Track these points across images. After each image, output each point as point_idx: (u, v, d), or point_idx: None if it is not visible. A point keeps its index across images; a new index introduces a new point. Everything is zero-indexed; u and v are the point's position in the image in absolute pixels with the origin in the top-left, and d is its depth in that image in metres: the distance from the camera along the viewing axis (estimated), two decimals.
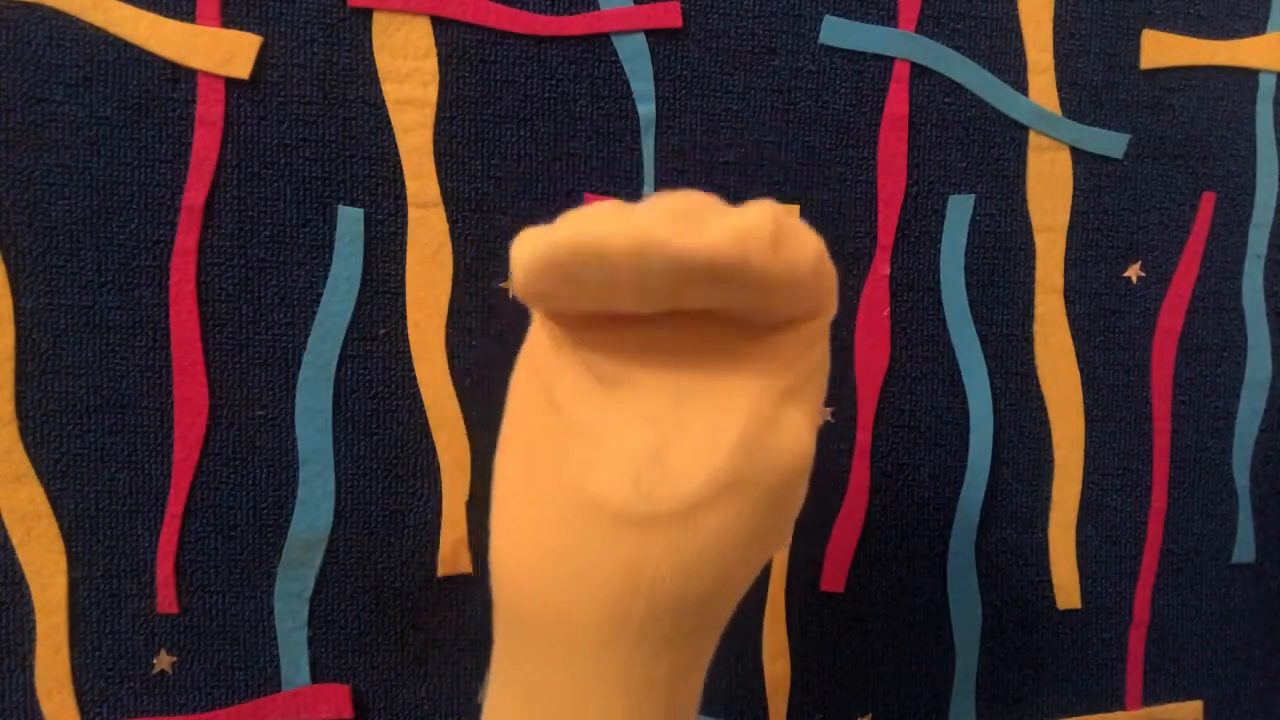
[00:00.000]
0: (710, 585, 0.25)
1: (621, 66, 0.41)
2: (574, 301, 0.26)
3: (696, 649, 0.26)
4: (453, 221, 0.40)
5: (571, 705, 0.25)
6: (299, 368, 0.39)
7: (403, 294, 0.40)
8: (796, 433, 0.26)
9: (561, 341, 0.27)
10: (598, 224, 0.23)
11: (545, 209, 0.41)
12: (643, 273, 0.23)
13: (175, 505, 0.38)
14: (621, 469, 0.25)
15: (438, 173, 0.40)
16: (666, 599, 0.25)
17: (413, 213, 0.40)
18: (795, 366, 0.26)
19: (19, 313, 0.37)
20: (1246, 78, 0.47)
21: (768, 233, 0.23)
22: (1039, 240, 0.45)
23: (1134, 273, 0.46)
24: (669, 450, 0.25)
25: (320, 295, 0.39)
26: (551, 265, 0.23)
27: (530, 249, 0.24)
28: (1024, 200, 0.45)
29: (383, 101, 0.39)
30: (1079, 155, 0.45)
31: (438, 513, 0.40)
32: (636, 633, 0.25)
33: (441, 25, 0.39)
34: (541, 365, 0.28)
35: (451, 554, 0.41)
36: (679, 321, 0.26)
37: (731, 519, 0.25)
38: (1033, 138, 0.44)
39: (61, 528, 0.38)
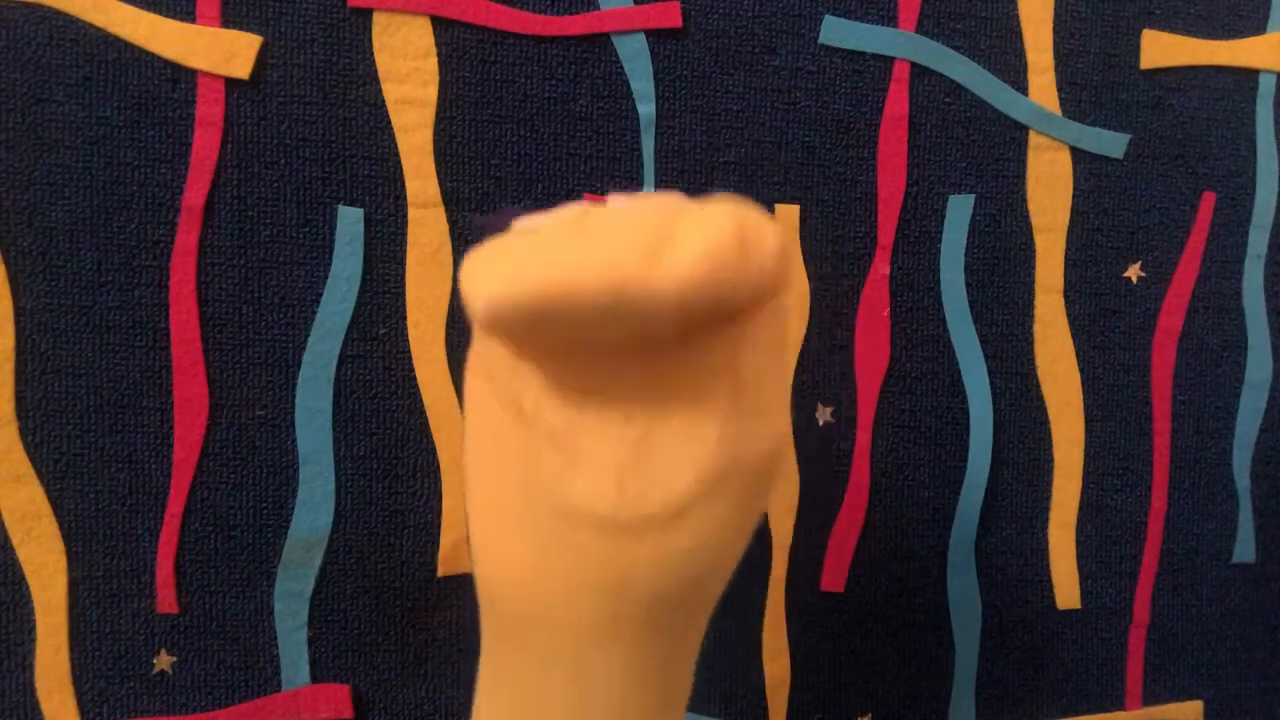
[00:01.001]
0: (697, 579, 0.25)
1: (621, 66, 0.41)
2: (538, 338, 0.24)
3: (686, 637, 0.26)
4: (453, 221, 0.40)
5: (564, 703, 0.25)
6: (299, 368, 0.39)
7: (403, 294, 0.40)
8: (772, 419, 0.26)
9: (520, 355, 0.26)
10: (561, 267, 0.21)
11: (545, 209, 0.41)
12: (614, 314, 0.22)
13: (175, 505, 0.38)
14: (602, 476, 0.24)
15: (438, 173, 0.40)
16: (654, 597, 0.24)
17: (413, 213, 0.40)
18: (761, 348, 0.26)
19: (19, 313, 0.37)
20: (1246, 78, 0.47)
21: (736, 246, 0.21)
22: (1039, 240, 0.45)
23: (1134, 273, 0.46)
24: (650, 451, 0.24)
25: (320, 295, 0.39)
26: (515, 315, 0.22)
27: (489, 292, 0.22)
28: (1024, 200, 0.45)
29: (383, 101, 0.39)
30: (1079, 155, 0.45)
31: (438, 513, 0.40)
32: (626, 631, 0.25)
33: (441, 25, 0.39)
34: (499, 371, 0.27)
35: (451, 554, 0.41)
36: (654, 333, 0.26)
37: (717, 513, 0.24)
38: (1033, 138, 0.44)
39: (61, 528, 0.38)
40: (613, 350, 0.25)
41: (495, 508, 0.26)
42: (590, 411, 0.25)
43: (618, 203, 0.25)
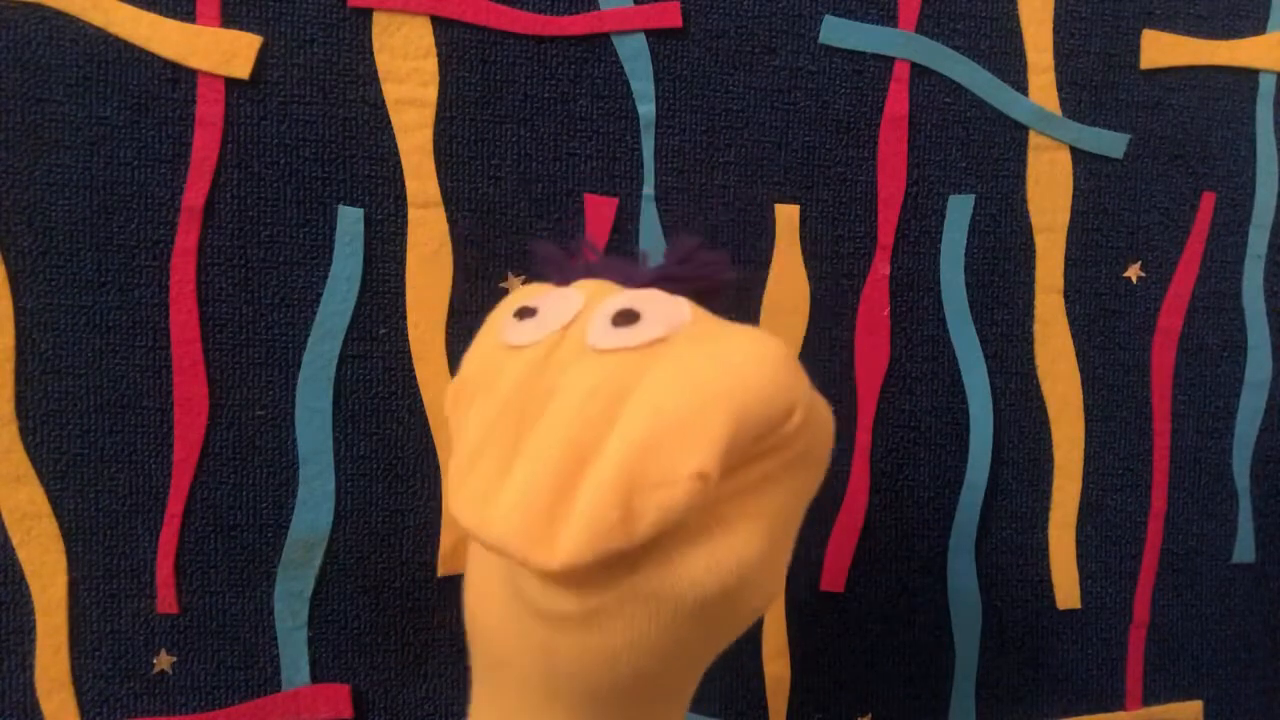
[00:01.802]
0: (624, 678, 0.24)
1: (621, 66, 0.41)
2: None
3: (656, 712, 0.26)
4: (453, 221, 0.40)
5: None
6: (299, 368, 0.39)
7: (403, 294, 0.40)
8: (734, 544, 0.24)
9: None
10: (471, 526, 0.23)
11: (545, 209, 0.41)
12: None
13: (175, 505, 0.38)
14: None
15: (438, 173, 0.40)
16: (583, 684, 0.24)
17: (413, 213, 0.40)
18: (749, 487, 0.24)
19: (19, 313, 0.37)
20: (1246, 78, 0.47)
21: (616, 522, 0.21)
22: (1039, 240, 0.45)
23: (1134, 273, 0.46)
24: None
25: (320, 295, 0.39)
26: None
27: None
28: (1024, 200, 0.45)
29: (383, 101, 0.39)
30: (1079, 155, 0.45)
31: (438, 513, 0.40)
32: (567, 704, 0.25)
33: (441, 25, 0.39)
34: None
35: (451, 554, 0.41)
36: None
37: (640, 626, 0.23)
38: (1033, 138, 0.44)
39: (61, 528, 0.38)
40: None
41: (482, 551, 0.27)
42: None
43: (612, 302, 0.25)
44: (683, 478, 0.22)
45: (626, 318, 0.24)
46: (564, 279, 0.28)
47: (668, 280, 0.27)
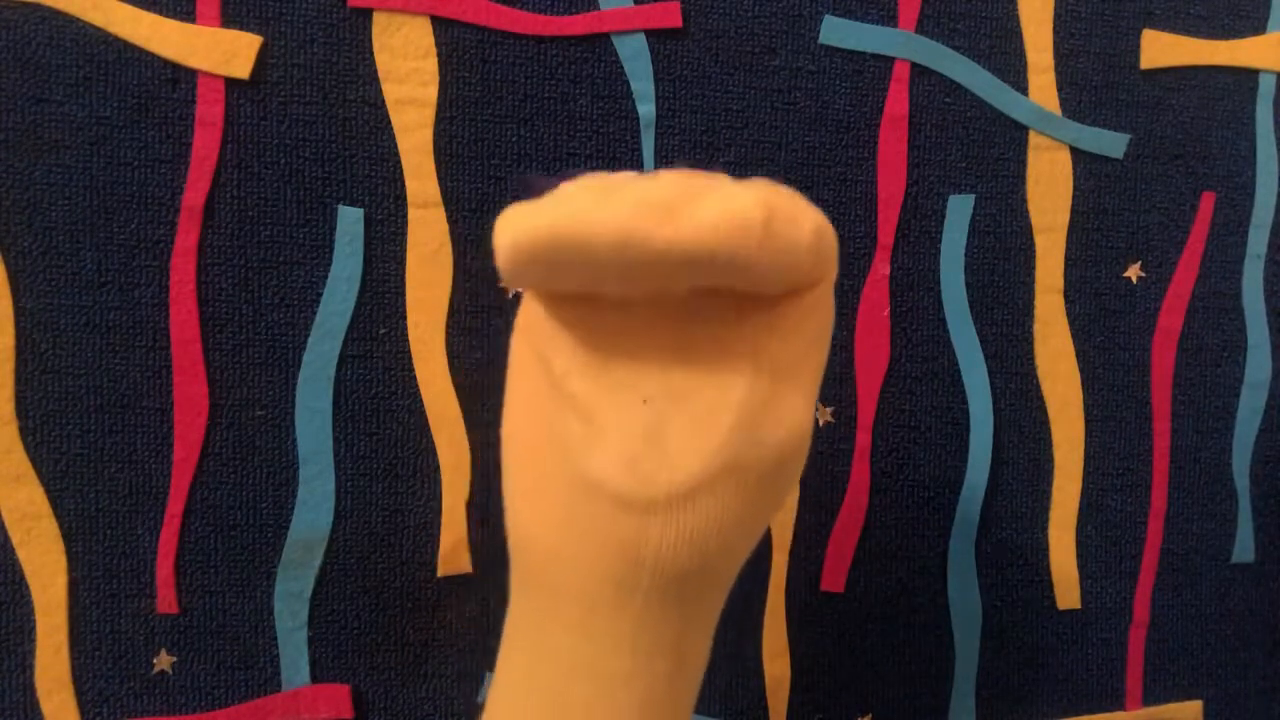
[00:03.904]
0: (712, 556, 0.25)
1: (621, 66, 0.41)
2: (559, 285, 0.25)
3: (704, 610, 0.27)
4: (453, 221, 0.40)
5: (584, 664, 0.26)
6: (299, 368, 0.39)
7: (403, 294, 0.40)
8: (793, 412, 0.26)
9: (554, 313, 0.27)
10: (580, 212, 0.22)
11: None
12: (626, 264, 0.22)
13: (175, 505, 0.38)
14: (618, 453, 0.25)
15: (438, 173, 0.40)
16: (670, 570, 0.25)
17: (413, 213, 0.40)
18: (792, 339, 0.26)
19: (19, 313, 0.37)
20: (1246, 78, 0.47)
21: (757, 221, 0.22)
22: (1039, 240, 0.45)
23: (1134, 273, 0.46)
24: (665, 433, 0.25)
25: (320, 295, 0.39)
26: (532, 255, 0.23)
27: (512, 236, 0.23)
28: (1024, 200, 0.45)
29: (383, 101, 0.39)
30: (1079, 155, 0.45)
31: (438, 513, 0.40)
32: (643, 598, 0.25)
33: (441, 25, 0.39)
34: (537, 332, 0.27)
35: (451, 554, 0.41)
36: (674, 295, 0.26)
37: (728, 499, 0.25)
38: (1033, 138, 0.44)
39: (61, 528, 0.38)
40: (636, 316, 0.26)
41: (528, 462, 0.27)
42: (615, 383, 0.26)
43: (665, 174, 0.25)
44: (807, 224, 0.24)
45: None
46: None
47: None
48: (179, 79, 0.38)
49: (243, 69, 0.38)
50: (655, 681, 0.26)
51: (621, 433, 0.25)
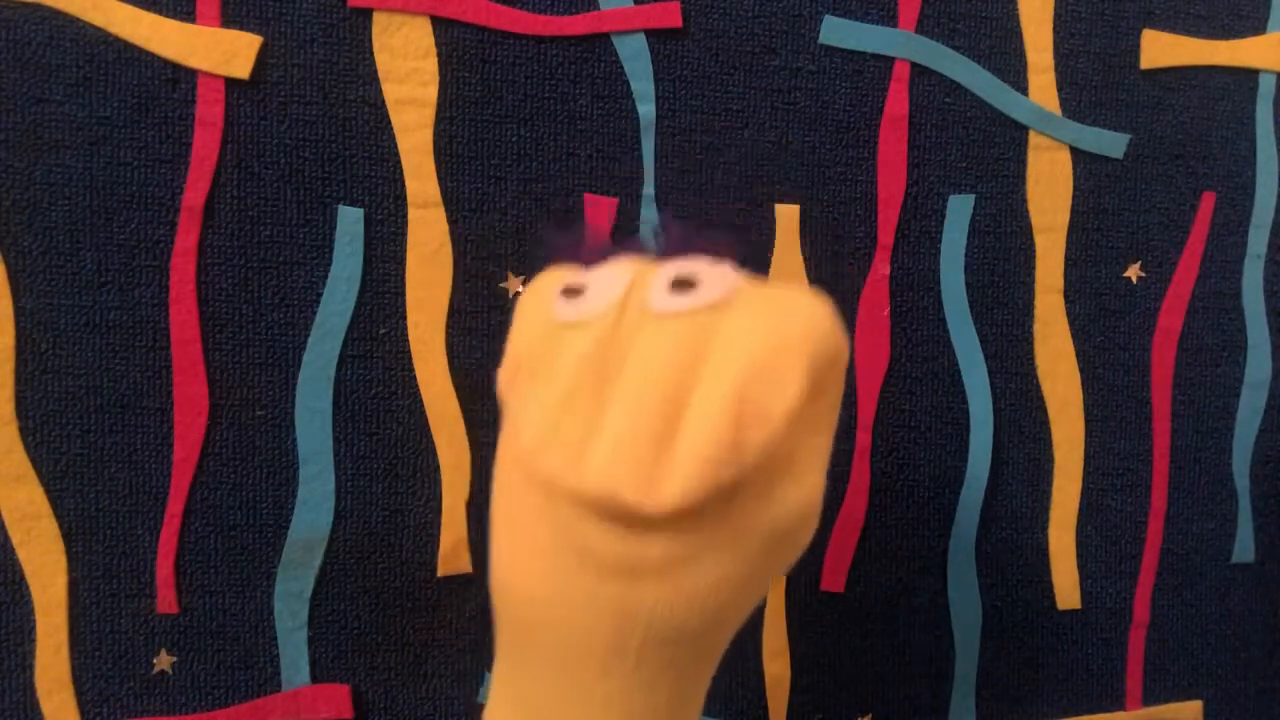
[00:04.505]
0: (708, 620, 0.25)
1: (621, 66, 0.41)
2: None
3: (697, 673, 0.27)
4: (453, 221, 0.40)
5: (569, 717, 0.25)
6: (299, 368, 0.39)
7: (403, 294, 0.40)
8: (803, 480, 0.26)
9: None
10: (559, 477, 0.23)
11: (545, 209, 0.41)
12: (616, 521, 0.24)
13: (175, 505, 0.38)
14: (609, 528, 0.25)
15: (438, 173, 0.40)
16: (664, 633, 0.25)
17: (413, 213, 0.40)
18: (806, 416, 0.26)
19: (19, 313, 0.37)
20: (1246, 78, 0.47)
21: (728, 445, 0.23)
22: (1039, 240, 0.45)
23: (1134, 273, 0.46)
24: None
25: (320, 295, 0.39)
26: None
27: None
28: (1024, 200, 0.45)
29: (383, 101, 0.39)
30: (1079, 155, 0.45)
31: (438, 513, 0.40)
32: (634, 660, 0.25)
33: (441, 25, 0.39)
34: None
35: (451, 554, 0.41)
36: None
37: (726, 564, 0.25)
38: (1033, 138, 0.44)
39: (61, 528, 0.38)
40: None
41: (517, 520, 0.27)
42: None
43: (665, 271, 0.26)
44: (779, 412, 0.24)
45: (684, 284, 0.26)
46: (590, 262, 0.29)
47: (695, 246, 0.28)
48: (179, 79, 0.38)
49: (243, 69, 0.38)
50: None
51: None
